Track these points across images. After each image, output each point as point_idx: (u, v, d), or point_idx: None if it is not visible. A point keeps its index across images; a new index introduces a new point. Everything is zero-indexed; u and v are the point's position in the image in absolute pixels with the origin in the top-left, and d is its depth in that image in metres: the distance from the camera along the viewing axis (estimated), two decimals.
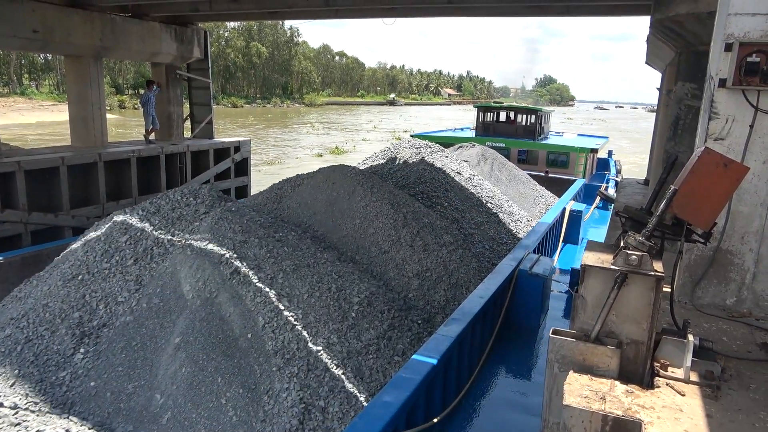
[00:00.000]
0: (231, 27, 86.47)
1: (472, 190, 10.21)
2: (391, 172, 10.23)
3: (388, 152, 11.19)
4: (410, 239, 7.31)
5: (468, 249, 8.12)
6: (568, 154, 17.70)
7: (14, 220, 11.16)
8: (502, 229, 9.66)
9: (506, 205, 10.71)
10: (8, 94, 55.98)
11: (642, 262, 2.58)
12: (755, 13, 3.53)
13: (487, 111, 20.69)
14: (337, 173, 8.21)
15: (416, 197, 9.28)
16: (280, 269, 5.81)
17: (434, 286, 7.02)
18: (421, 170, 10.09)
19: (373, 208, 7.60)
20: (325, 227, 7.58)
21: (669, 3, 7.02)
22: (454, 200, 9.60)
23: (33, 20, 12.02)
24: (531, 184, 13.87)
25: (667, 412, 2.47)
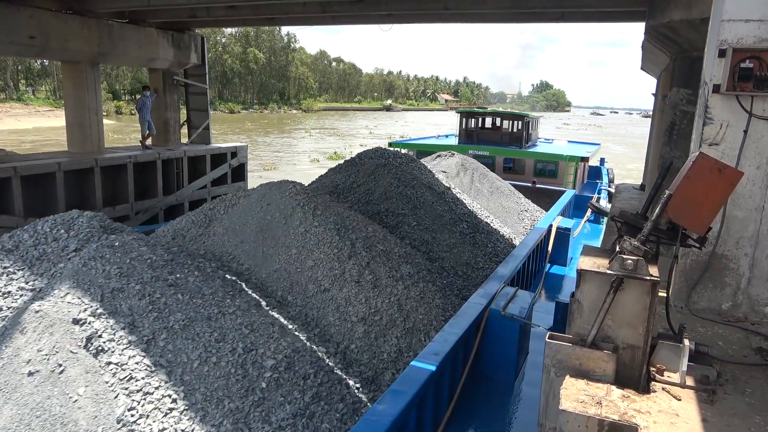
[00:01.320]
0: (228, 33, 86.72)
1: (445, 206, 9.02)
2: (354, 187, 9.13)
3: (353, 163, 9.87)
4: (357, 273, 6.09)
5: (433, 281, 6.84)
6: (556, 163, 16.55)
7: (10, 226, 11.11)
8: (479, 252, 8.52)
9: (485, 222, 9.64)
10: (5, 99, 55.91)
11: (637, 266, 2.59)
12: (748, 20, 3.56)
13: (471, 117, 19.45)
14: (274, 192, 7.02)
15: (380, 216, 8.41)
16: (164, 326, 4.61)
17: (384, 332, 5.76)
18: (388, 184, 9.01)
19: (313, 234, 6.39)
20: (253, 260, 6.37)
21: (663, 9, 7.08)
22: (423, 219, 8.58)
23: (30, 26, 12.04)
24: (515, 196, 12.83)
25: (663, 416, 2.47)
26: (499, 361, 5.34)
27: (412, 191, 9.02)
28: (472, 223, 9.16)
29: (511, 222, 11.49)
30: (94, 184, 12.95)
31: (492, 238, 9.16)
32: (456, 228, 8.69)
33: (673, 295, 3.94)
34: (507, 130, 18.76)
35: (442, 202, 9.11)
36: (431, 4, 12.28)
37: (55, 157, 12.99)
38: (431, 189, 9.35)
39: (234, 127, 56.25)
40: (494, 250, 8.81)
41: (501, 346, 5.32)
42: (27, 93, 61.63)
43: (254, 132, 53.64)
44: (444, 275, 7.48)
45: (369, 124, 72.85)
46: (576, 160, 16.07)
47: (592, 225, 13.02)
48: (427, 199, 9.01)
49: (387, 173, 9.25)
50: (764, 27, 3.54)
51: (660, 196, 2.84)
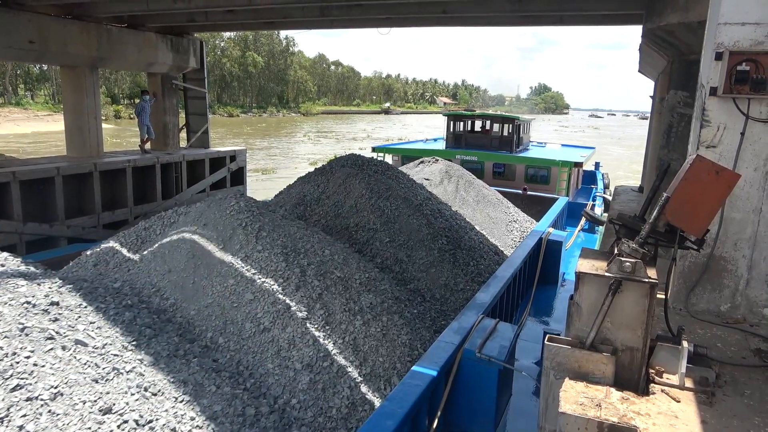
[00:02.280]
0: (227, 37, 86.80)
1: (422, 219, 8.15)
2: (322, 199, 8.30)
3: (323, 172, 8.95)
4: (306, 308, 5.20)
5: (400, 312, 5.90)
6: (549, 169, 15.67)
7: (9, 231, 11.12)
8: (459, 271, 7.62)
9: (468, 237, 8.71)
10: (3, 104, 55.89)
11: (636, 268, 2.59)
12: (744, 23, 3.58)
13: (459, 120, 18.36)
14: (213, 209, 6.08)
15: (348, 232, 7.71)
16: (26, 398, 3.60)
17: (334, 382, 4.77)
18: (359, 195, 8.18)
19: (256, 261, 5.48)
20: (181, 293, 5.36)
21: (660, 13, 7.11)
22: (397, 234, 7.74)
23: (29, 31, 12.06)
24: (503, 206, 11.95)
25: (662, 418, 2.48)
26: (475, 411, 4.51)
27: (385, 203, 8.13)
28: (453, 237, 8.23)
29: (499, 234, 10.60)
30: (93, 188, 12.95)
31: (475, 254, 8.27)
32: (434, 244, 7.80)
33: (672, 297, 3.95)
34: (497, 134, 17.97)
35: (418, 215, 8.15)
36: (430, 8, 12.33)
37: (54, 161, 12.99)
38: (407, 201, 8.38)
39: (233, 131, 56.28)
40: (477, 269, 7.96)
41: (476, 394, 4.47)
42: (26, 97, 61.60)
43: (253, 136, 53.67)
44: (417, 301, 6.65)
45: (367, 128, 72.91)
46: (569, 166, 15.22)
47: (586, 234, 12.30)
48: (402, 212, 8.08)
49: (359, 183, 8.34)
50: (760, 30, 3.56)
51: (658, 198, 2.85)
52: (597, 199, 15.71)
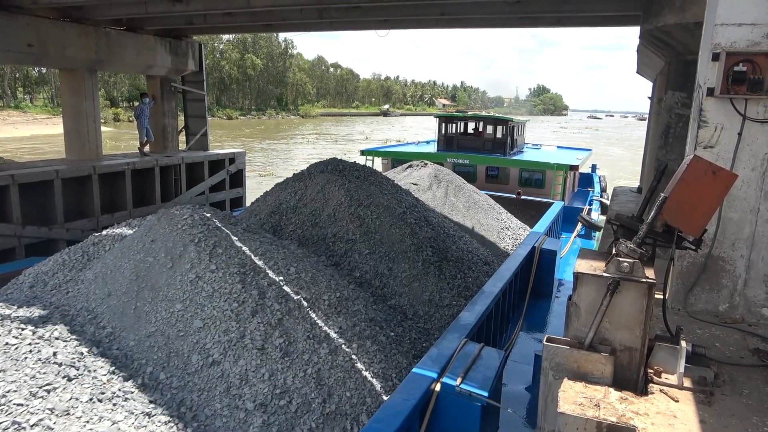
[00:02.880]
0: (226, 39, 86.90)
1: (406, 228, 7.54)
2: (299, 207, 7.75)
3: (301, 177, 8.43)
4: (262, 336, 4.55)
5: (374, 337, 5.26)
6: (543, 172, 15.05)
7: (8, 234, 11.12)
8: (445, 285, 6.99)
9: (456, 247, 8.06)
10: (2, 107, 55.90)
11: (634, 269, 2.60)
12: (741, 24, 3.60)
13: (450, 122, 17.69)
14: (163, 223, 5.42)
15: (326, 243, 7.17)
16: None
17: (292, 423, 4.16)
18: (338, 203, 7.63)
19: (208, 282, 4.85)
20: (120, 320, 4.75)
21: (657, 14, 7.13)
22: (378, 246, 7.16)
23: (28, 34, 12.06)
24: (495, 211, 11.30)
25: (661, 418, 2.48)
26: None
27: (365, 212, 7.55)
28: (439, 248, 7.61)
29: (490, 242, 10.02)
30: (92, 191, 12.95)
31: (462, 266, 7.64)
32: (418, 256, 7.19)
33: (670, 297, 3.96)
34: (489, 136, 17.18)
35: (401, 225, 7.53)
36: (428, 10, 12.36)
37: (53, 164, 13.00)
38: (389, 209, 7.76)
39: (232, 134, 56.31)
40: (464, 283, 7.33)
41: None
42: (25, 101, 61.61)
43: (252, 138, 53.71)
44: (396, 320, 6.06)
45: (365, 129, 72.98)
46: (564, 169, 14.57)
47: (583, 240, 11.82)
48: (383, 222, 7.48)
49: (338, 190, 7.78)
50: (757, 31, 3.58)
51: (656, 198, 2.86)
52: (594, 203, 15.22)
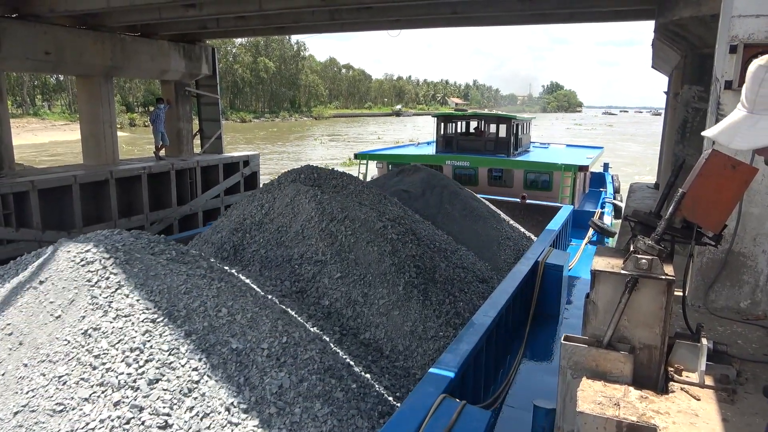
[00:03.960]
0: (238, 43, 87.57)
1: (386, 245, 6.46)
2: (265, 223, 6.86)
3: (270, 189, 7.51)
4: (170, 406, 3.62)
5: (326, 395, 4.14)
6: (550, 174, 13.87)
7: (28, 239, 11.32)
8: (430, 313, 5.93)
9: (447, 264, 7.03)
10: (21, 115, 56.91)
11: (652, 266, 2.57)
12: (759, 15, 3.53)
13: (449, 121, 16.55)
14: (59, 257, 4.50)
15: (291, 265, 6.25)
16: None
17: None
18: (307, 218, 6.64)
19: (105, 335, 3.93)
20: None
21: (672, 7, 7.04)
22: (352, 268, 6.14)
23: (45, 42, 12.28)
24: (495, 220, 10.05)
25: (682, 417, 2.45)
26: None
27: (338, 227, 6.54)
28: (426, 267, 6.55)
29: (489, 254, 8.87)
30: (109, 195, 13.14)
31: (453, 288, 6.54)
32: (399, 278, 6.11)
33: (690, 294, 3.90)
34: (492, 136, 16.03)
35: (381, 241, 6.47)
36: (440, 9, 12.32)
37: (71, 170, 13.20)
38: (367, 223, 6.69)
39: (246, 137, 56.70)
40: (454, 308, 6.18)
41: None
42: (43, 108, 62.72)
43: (266, 140, 54.03)
44: (367, 363, 5.05)
45: (377, 130, 73.02)
46: (573, 170, 13.35)
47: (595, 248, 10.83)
48: (360, 238, 6.46)
49: (308, 202, 6.79)
50: None
51: (673, 194, 2.82)
52: (606, 206, 14.10)
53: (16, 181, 11.24)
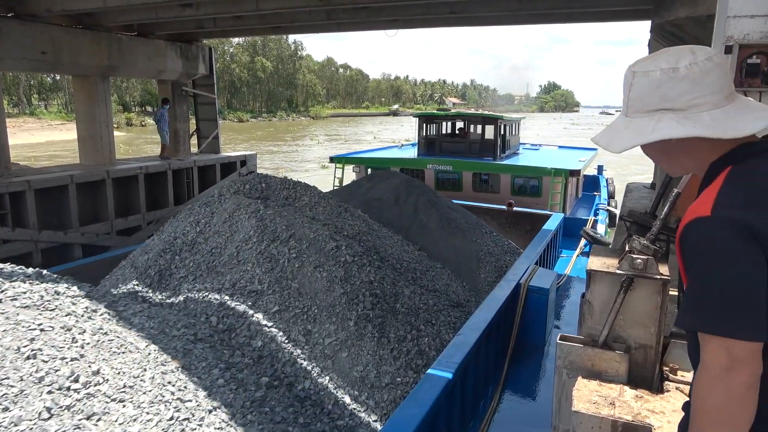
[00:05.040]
0: (235, 42, 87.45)
1: (338, 270, 5.42)
2: (196, 244, 5.94)
3: (210, 202, 6.45)
4: None
5: None
6: (539, 179, 12.91)
7: (25, 239, 11.29)
8: (387, 353, 4.87)
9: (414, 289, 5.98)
10: (18, 114, 56.74)
11: (647, 265, 2.58)
12: (754, 15, 3.54)
13: (431, 122, 15.43)
14: None
15: (220, 297, 5.34)
16: None
17: None
18: (245, 238, 5.65)
19: None
20: None
21: (669, 7, 7.06)
22: (293, 301, 5.15)
23: (42, 42, 12.24)
24: (475, 232, 8.88)
25: (677, 416, 2.45)
26: None
27: (281, 249, 5.57)
28: (385, 295, 5.51)
29: (467, 272, 7.84)
30: (106, 195, 13.11)
31: (417, 320, 5.49)
32: (351, 311, 5.11)
33: None
34: (477, 138, 14.91)
35: (331, 265, 5.49)
36: (437, 9, 12.33)
37: (67, 169, 13.17)
38: (316, 243, 5.69)
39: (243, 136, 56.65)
40: (417, 346, 5.16)
41: None
42: (39, 107, 62.53)
43: (263, 140, 54.00)
44: (299, 427, 4.13)
45: (374, 129, 73.03)
46: (563, 174, 12.30)
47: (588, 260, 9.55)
48: (306, 262, 5.47)
49: (248, 219, 5.87)
50: None
51: (669, 194, 2.83)
52: (600, 213, 13.15)
53: (12, 181, 11.20)
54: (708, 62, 1.28)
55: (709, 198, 1.23)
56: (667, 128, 1.30)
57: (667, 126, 1.30)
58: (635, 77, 1.36)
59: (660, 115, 1.31)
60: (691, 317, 1.22)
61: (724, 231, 1.16)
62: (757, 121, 1.26)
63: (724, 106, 1.29)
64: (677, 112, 1.29)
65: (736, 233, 1.15)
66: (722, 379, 1.16)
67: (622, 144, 1.37)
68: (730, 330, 1.14)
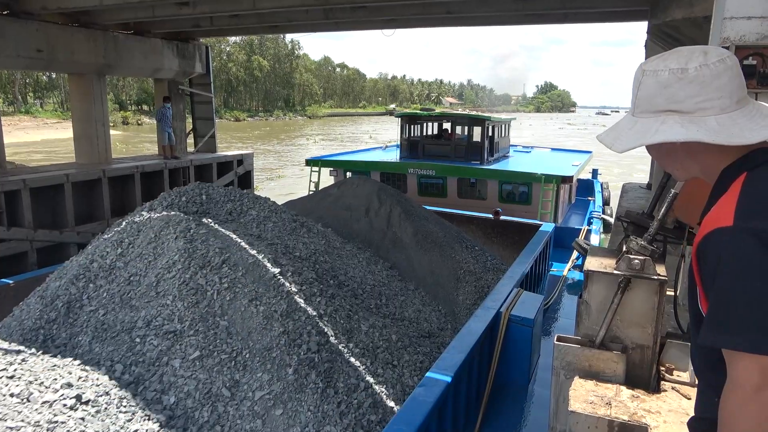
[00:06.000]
0: (232, 41, 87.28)
1: (280, 302, 4.53)
2: (113, 271, 4.95)
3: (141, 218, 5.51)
4: None
5: None
6: (529, 185, 11.84)
7: (20, 238, 11.24)
8: (333, 407, 4.02)
9: (372, 322, 5.08)
10: (13, 112, 56.48)
11: (645, 266, 2.59)
12: (750, 17, 3.56)
13: (414, 122, 14.33)
14: None
15: (130, 338, 4.40)
16: None
17: None
18: (167, 264, 4.76)
19: None
20: None
21: (665, 8, 7.08)
22: (220, 344, 4.23)
23: (37, 39, 12.19)
24: (453, 248, 7.76)
25: (673, 416, 2.46)
26: None
27: (211, 277, 4.60)
28: (339, 331, 4.61)
29: (444, 294, 6.83)
30: (101, 194, 13.07)
31: (374, 363, 4.57)
32: (292, 354, 4.19)
33: (681, 294, 3.93)
34: (463, 140, 13.74)
35: (271, 296, 4.54)
36: (434, 9, 12.34)
37: (63, 168, 13.12)
38: (255, 269, 4.76)
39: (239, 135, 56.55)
40: (372, 399, 4.25)
41: None
42: (35, 106, 62.27)
43: (260, 139, 53.91)
44: None
45: (370, 129, 73.03)
46: (555, 181, 11.29)
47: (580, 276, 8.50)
48: (239, 294, 4.54)
49: (175, 240, 4.94)
50: (766, 24, 3.54)
51: (666, 194, 2.84)
52: (594, 222, 12.22)
53: (7, 180, 11.15)
54: (719, 65, 1.24)
55: (729, 206, 1.18)
56: (670, 131, 1.26)
57: (670, 129, 1.27)
58: (644, 76, 1.33)
59: (665, 116, 1.29)
60: (718, 334, 1.14)
61: (749, 241, 1.11)
62: (765, 129, 1.22)
63: (733, 111, 1.25)
64: (683, 115, 1.26)
65: (762, 243, 1.09)
66: (756, 399, 1.09)
67: (625, 144, 1.34)
68: (764, 346, 1.07)
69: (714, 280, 1.17)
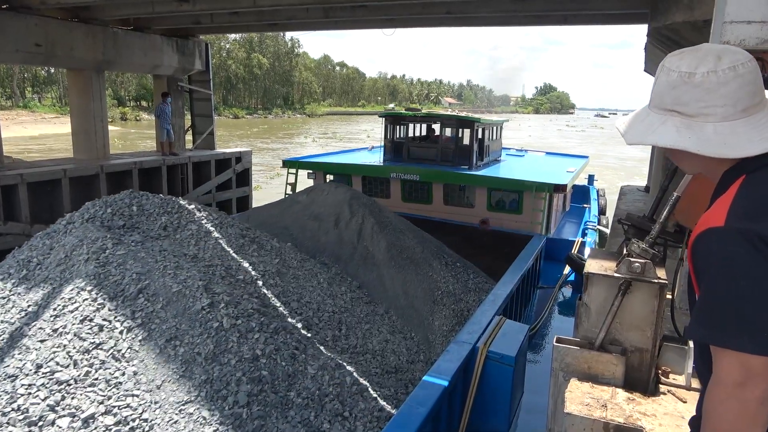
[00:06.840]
0: (232, 39, 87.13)
1: (207, 343, 3.77)
2: (10, 301, 4.21)
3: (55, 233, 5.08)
4: None
5: None
6: (520, 193, 10.76)
7: (16, 233, 11.21)
8: None
9: (321, 364, 4.13)
10: (11, 107, 56.28)
11: (645, 269, 2.59)
12: (750, 21, 3.56)
13: (398, 123, 13.18)
14: None
15: (14, 389, 3.46)
16: None
17: None
18: (71, 295, 3.98)
19: None
20: None
21: (665, 12, 7.09)
22: (120, 400, 3.43)
23: (36, 34, 12.14)
24: (431, 266, 7.02)
25: (668, 419, 2.47)
26: None
27: (123, 311, 3.91)
28: (277, 377, 3.77)
29: (418, 320, 6.10)
30: (99, 190, 13.03)
31: (320, 416, 3.75)
32: (213, 411, 3.43)
33: (679, 298, 3.93)
34: (450, 143, 12.65)
35: (198, 335, 3.80)
36: (434, 8, 12.33)
37: (60, 163, 13.08)
38: (180, 300, 4.00)
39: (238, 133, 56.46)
40: None
41: None
42: (33, 100, 62.03)
43: (258, 137, 53.84)
44: None
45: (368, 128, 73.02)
46: (547, 189, 10.26)
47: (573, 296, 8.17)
48: (156, 332, 3.83)
49: (85, 263, 4.25)
50: (766, 28, 3.54)
51: (667, 198, 2.84)
52: (588, 233, 11.51)
53: (4, 174, 11.12)
54: (729, 72, 1.23)
55: (722, 208, 1.21)
56: (664, 135, 1.30)
57: (665, 132, 1.30)
58: (661, 72, 1.35)
59: (669, 116, 1.31)
60: (704, 329, 1.18)
61: (738, 242, 1.14)
62: (762, 143, 1.22)
63: (735, 119, 1.24)
64: (685, 117, 1.28)
65: (750, 244, 1.12)
66: (736, 395, 1.12)
67: (632, 137, 1.39)
68: (745, 344, 1.10)
69: (703, 277, 1.21)
